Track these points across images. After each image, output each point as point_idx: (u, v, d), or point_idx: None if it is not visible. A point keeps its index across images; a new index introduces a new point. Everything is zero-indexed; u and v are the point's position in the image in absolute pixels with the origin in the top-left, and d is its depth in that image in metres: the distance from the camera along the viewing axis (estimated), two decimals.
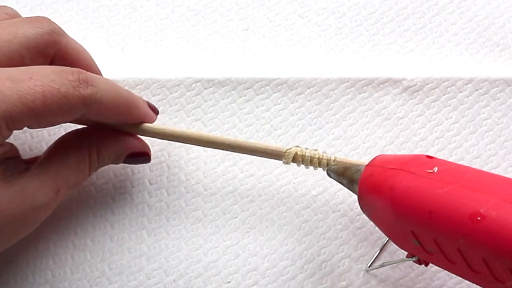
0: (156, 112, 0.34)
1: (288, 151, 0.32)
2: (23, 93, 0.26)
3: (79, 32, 0.39)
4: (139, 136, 0.33)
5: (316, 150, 0.33)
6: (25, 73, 0.27)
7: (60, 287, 0.33)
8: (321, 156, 0.32)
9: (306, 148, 0.33)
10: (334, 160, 0.32)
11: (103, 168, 0.32)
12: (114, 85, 0.31)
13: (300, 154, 0.32)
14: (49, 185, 0.29)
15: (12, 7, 0.39)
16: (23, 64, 0.29)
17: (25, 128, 0.27)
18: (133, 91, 0.37)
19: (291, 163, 0.33)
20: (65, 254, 0.34)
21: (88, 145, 0.31)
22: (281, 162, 0.33)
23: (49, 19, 0.31)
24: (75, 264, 0.34)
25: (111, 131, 0.32)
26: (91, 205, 0.35)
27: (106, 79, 0.31)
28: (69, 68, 0.28)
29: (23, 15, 0.39)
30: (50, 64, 0.31)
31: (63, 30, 0.31)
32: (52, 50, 0.30)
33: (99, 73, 0.33)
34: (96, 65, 0.33)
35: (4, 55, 0.28)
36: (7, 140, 0.28)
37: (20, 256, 0.33)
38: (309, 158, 0.32)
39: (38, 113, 0.26)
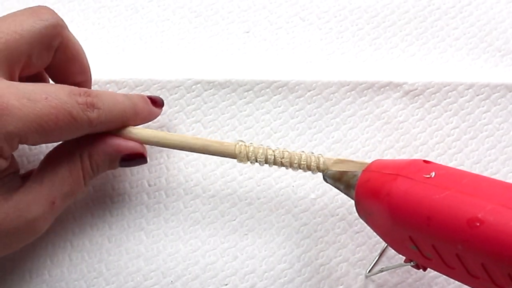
0: (160, 104, 0.35)
1: (237, 146, 0.32)
2: (39, 114, 0.27)
3: (80, 33, 0.39)
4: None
5: (261, 145, 0.32)
6: (40, 92, 0.27)
7: (57, 287, 0.33)
8: (272, 154, 0.32)
9: (251, 143, 0.32)
10: (284, 156, 0.32)
11: None
12: (117, 100, 0.31)
13: (247, 149, 0.32)
14: (43, 197, 0.29)
15: (13, 7, 0.39)
16: (30, 60, 0.30)
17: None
18: (133, 92, 0.37)
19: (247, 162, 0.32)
20: (63, 254, 0.34)
21: (80, 153, 0.31)
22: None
23: (51, 10, 0.31)
24: (72, 264, 0.34)
25: (101, 137, 0.32)
26: (89, 205, 0.35)
27: (109, 94, 0.31)
28: (77, 88, 0.29)
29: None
30: (54, 55, 0.31)
31: (64, 22, 0.31)
32: (56, 42, 0.31)
33: (89, 67, 0.34)
34: (87, 59, 0.33)
35: (14, 56, 0.29)
36: None
37: (17, 256, 0.33)
38: (255, 152, 0.32)
39: (49, 133, 0.27)
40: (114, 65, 0.38)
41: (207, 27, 0.40)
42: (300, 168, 0.32)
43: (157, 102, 0.34)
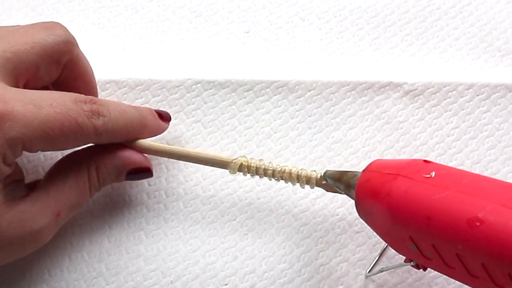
0: (167, 119, 0.35)
1: (234, 161, 0.32)
2: (43, 120, 0.27)
3: (81, 33, 0.39)
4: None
5: (262, 159, 0.33)
6: (46, 98, 0.27)
7: (57, 287, 0.33)
8: (266, 167, 0.32)
9: (252, 158, 0.33)
10: (281, 171, 0.32)
11: None
12: (124, 110, 0.31)
13: (246, 164, 0.32)
14: (49, 209, 0.29)
15: (13, 7, 0.39)
16: (38, 72, 0.30)
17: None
18: (133, 92, 0.37)
19: (238, 172, 0.33)
20: (63, 254, 0.34)
21: (87, 166, 0.31)
22: None
23: (64, 27, 0.31)
24: (72, 264, 0.34)
25: (109, 150, 0.32)
26: (89, 205, 0.35)
27: (117, 104, 0.31)
28: (83, 96, 0.29)
29: (25, 16, 0.39)
30: (62, 72, 0.31)
31: (75, 40, 0.31)
32: (65, 58, 0.31)
33: (96, 86, 0.34)
34: (94, 78, 0.34)
35: (22, 66, 0.29)
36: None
37: None
38: (255, 168, 0.32)
39: (54, 140, 0.27)
40: (114, 65, 0.38)
41: (207, 27, 0.40)
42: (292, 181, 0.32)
43: (164, 117, 0.34)
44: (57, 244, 0.34)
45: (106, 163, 0.31)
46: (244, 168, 0.32)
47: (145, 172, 0.33)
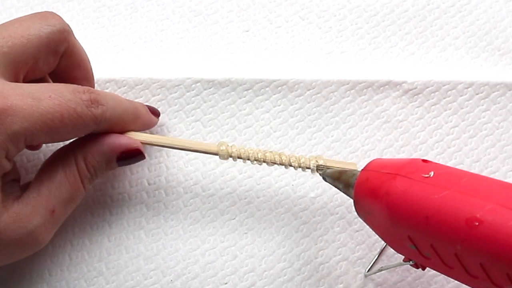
0: (157, 114, 0.36)
1: (221, 148, 0.33)
2: (43, 112, 0.27)
3: (80, 32, 0.39)
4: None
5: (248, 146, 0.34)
6: (44, 91, 0.27)
7: (57, 286, 0.33)
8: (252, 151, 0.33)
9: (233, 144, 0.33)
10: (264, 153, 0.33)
11: None
12: (120, 100, 0.31)
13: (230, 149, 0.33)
14: (42, 206, 0.29)
15: (13, 6, 0.39)
16: (37, 64, 0.30)
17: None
18: (133, 91, 0.37)
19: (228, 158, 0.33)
20: (63, 253, 0.34)
21: (74, 157, 0.30)
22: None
23: (58, 16, 0.31)
24: (72, 264, 0.34)
25: (95, 137, 0.31)
26: (89, 204, 0.35)
27: (113, 95, 0.31)
28: (80, 86, 0.29)
29: (25, 15, 0.39)
30: (59, 61, 0.31)
31: (71, 28, 0.31)
32: (62, 47, 0.31)
33: (93, 73, 0.34)
34: (91, 66, 0.34)
35: (20, 60, 0.29)
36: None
37: None
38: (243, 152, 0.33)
39: (55, 131, 0.28)
40: (113, 64, 0.38)
41: (207, 26, 0.40)
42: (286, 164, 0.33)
43: (154, 112, 0.35)
44: (57, 244, 0.34)
45: (93, 151, 0.31)
46: (232, 150, 0.33)
47: (136, 155, 0.32)
